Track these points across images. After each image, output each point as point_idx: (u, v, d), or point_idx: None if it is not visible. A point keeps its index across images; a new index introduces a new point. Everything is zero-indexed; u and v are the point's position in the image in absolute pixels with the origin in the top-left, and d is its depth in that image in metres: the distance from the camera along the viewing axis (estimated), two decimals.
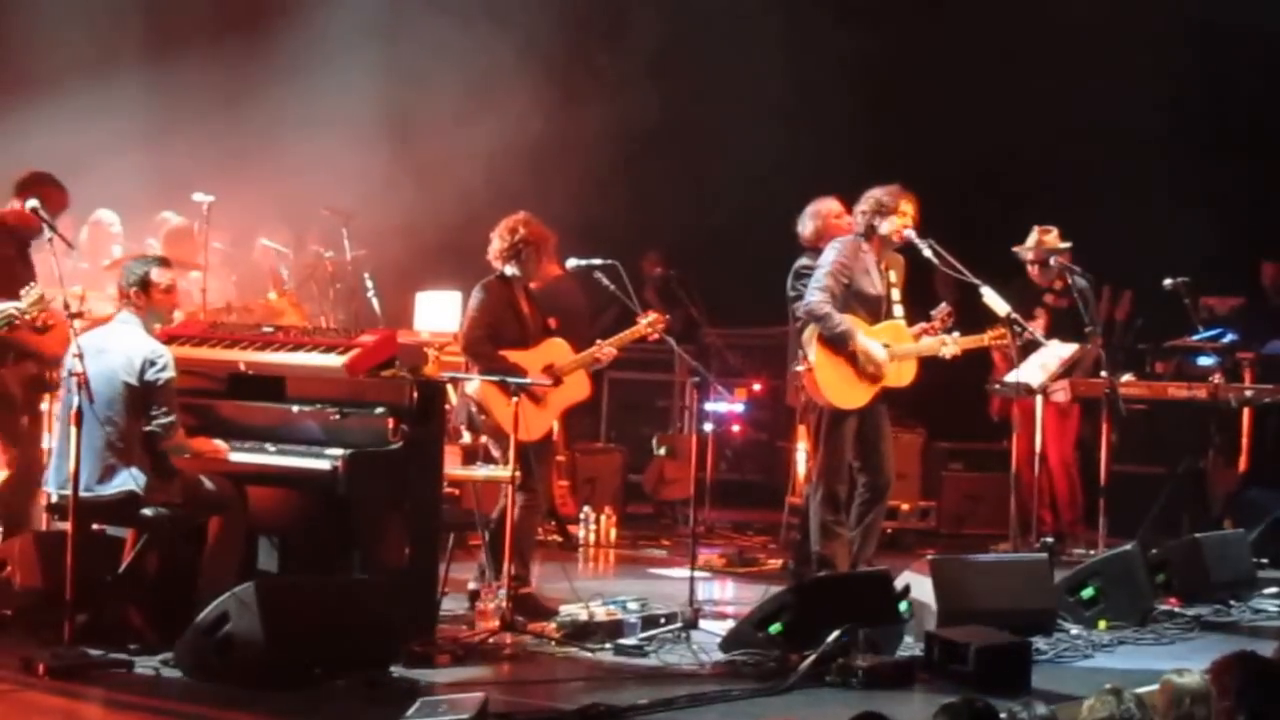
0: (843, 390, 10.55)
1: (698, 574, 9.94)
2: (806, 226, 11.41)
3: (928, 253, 10.65)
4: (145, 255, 9.34)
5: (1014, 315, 10.82)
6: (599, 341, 10.33)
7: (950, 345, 10.69)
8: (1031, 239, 12.55)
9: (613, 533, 13.13)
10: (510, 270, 10.14)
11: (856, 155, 13.64)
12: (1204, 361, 12.96)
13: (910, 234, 10.63)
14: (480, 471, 10.01)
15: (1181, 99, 14.95)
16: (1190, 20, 14.51)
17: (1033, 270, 12.58)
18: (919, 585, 9.36)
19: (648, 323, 10.38)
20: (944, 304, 10.89)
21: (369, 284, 13.03)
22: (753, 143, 14.97)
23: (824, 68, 14.78)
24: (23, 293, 8.87)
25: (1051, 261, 12.41)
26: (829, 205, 11.38)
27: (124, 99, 12.76)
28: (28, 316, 8.92)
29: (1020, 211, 13.27)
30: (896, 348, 10.61)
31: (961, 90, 15.21)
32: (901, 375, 10.68)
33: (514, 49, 13.86)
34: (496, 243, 10.16)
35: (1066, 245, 12.44)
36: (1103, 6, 14.95)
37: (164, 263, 9.04)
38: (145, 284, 8.80)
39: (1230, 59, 14.77)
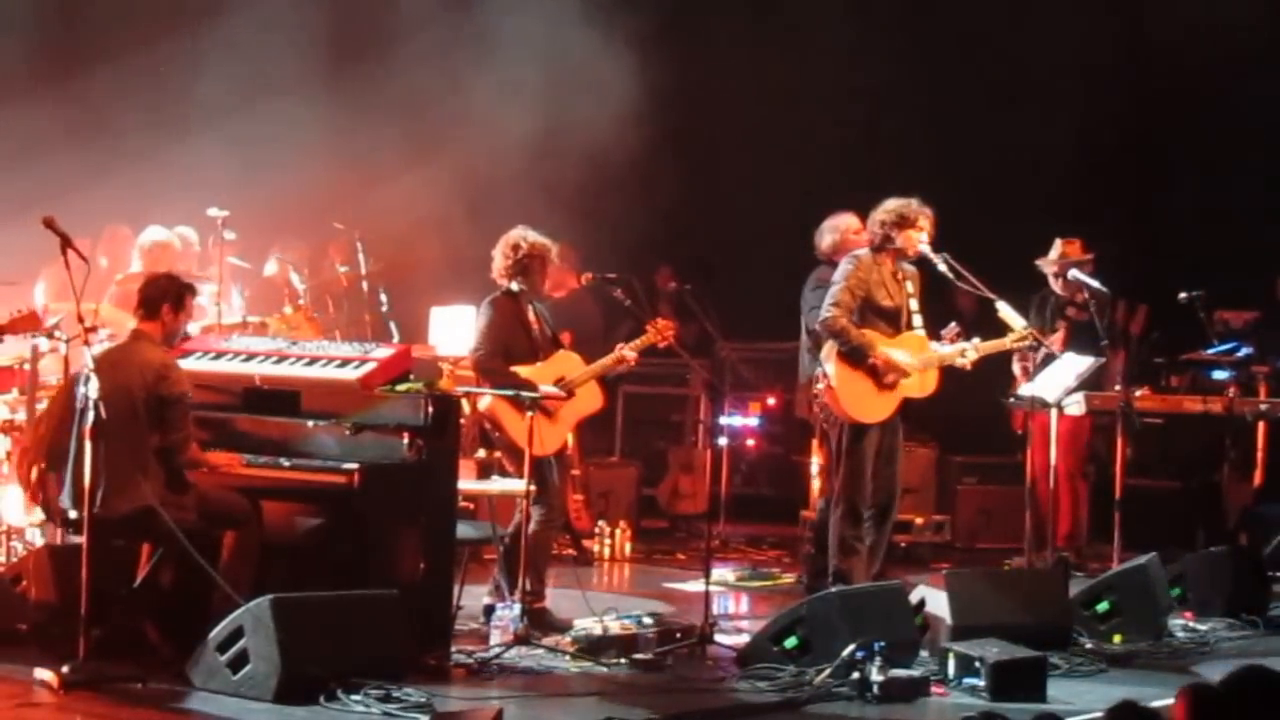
0: (863, 404, 10.53)
1: (712, 588, 9.93)
2: (824, 240, 11.42)
3: (942, 267, 10.65)
4: (171, 273, 9.36)
5: (1030, 328, 10.82)
6: (620, 345, 10.32)
7: (970, 352, 10.67)
8: (1054, 251, 12.51)
9: (627, 547, 13.13)
10: (516, 285, 10.12)
11: (873, 170, 13.62)
12: (1219, 375, 12.93)
13: (925, 248, 10.62)
14: (495, 486, 10.01)
15: (1196, 110, 14.93)
16: (1207, 29, 14.49)
17: (1056, 283, 12.52)
18: (934, 599, 9.36)
19: (656, 330, 10.37)
20: (953, 324, 10.87)
21: (383, 299, 13.04)
22: (767, 156, 14.98)
23: (839, 83, 14.77)
24: None
25: (1070, 274, 12.38)
26: (847, 220, 11.37)
27: (136, 106, 12.80)
28: None
29: (1036, 224, 13.26)
30: (917, 358, 10.58)
31: (977, 103, 15.21)
32: (923, 385, 10.67)
33: (528, 61, 13.88)
34: (499, 260, 10.13)
35: (1089, 257, 12.41)
36: (1117, 15, 14.94)
37: (189, 284, 9.11)
38: (181, 303, 8.85)
39: (1245, 71, 14.76)
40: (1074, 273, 12.31)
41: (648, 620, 9.51)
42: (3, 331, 9.37)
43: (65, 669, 8.09)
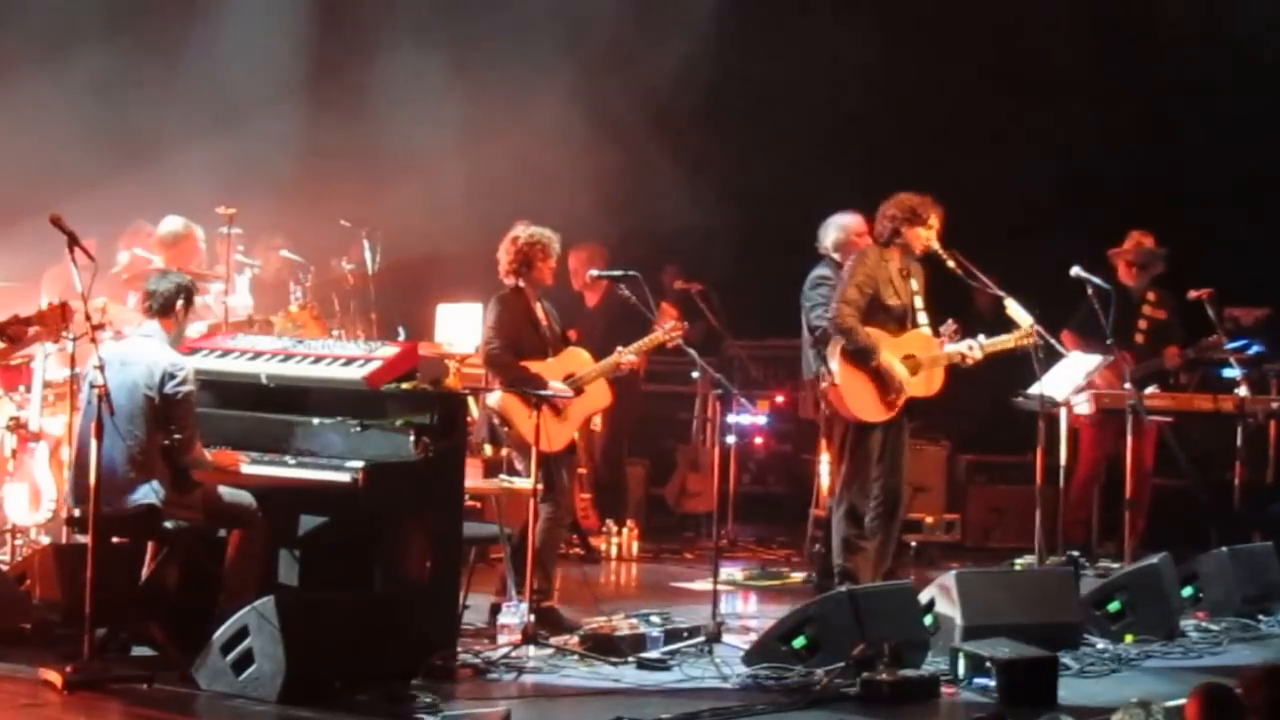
0: (867, 404, 10.50)
1: (721, 587, 9.90)
2: (828, 237, 11.37)
3: (951, 264, 10.61)
4: (173, 270, 9.34)
5: (1037, 326, 10.77)
6: (619, 349, 10.30)
7: (975, 351, 10.63)
8: (1129, 244, 12.50)
9: (635, 546, 13.09)
10: (522, 282, 10.11)
11: (881, 167, 13.57)
12: (1230, 373, 12.86)
13: (934, 245, 10.59)
14: (502, 484, 9.98)
15: (1208, 104, 14.89)
16: (1221, 28, 14.45)
17: (1127, 277, 12.47)
18: (944, 598, 9.31)
19: (665, 330, 10.34)
20: (950, 321, 10.82)
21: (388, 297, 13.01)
22: (775, 154, 14.93)
23: (848, 81, 14.73)
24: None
25: (1072, 271, 12.31)
26: (852, 220, 11.33)
27: (146, 101, 12.78)
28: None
29: (1048, 221, 13.22)
30: (922, 358, 10.56)
31: (990, 102, 15.16)
32: (930, 384, 10.64)
33: (537, 62, 13.85)
34: (503, 258, 10.15)
35: (1162, 250, 12.43)
36: (1135, 14, 14.90)
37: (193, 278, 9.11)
38: (189, 300, 8.84)
39: (1259, 67, 14.71)
40: (1076, 269, 12.25)
41: (656, 619, 9.47)
42: (32, 323, 9.22)
43: (70, 668, 8.05)
